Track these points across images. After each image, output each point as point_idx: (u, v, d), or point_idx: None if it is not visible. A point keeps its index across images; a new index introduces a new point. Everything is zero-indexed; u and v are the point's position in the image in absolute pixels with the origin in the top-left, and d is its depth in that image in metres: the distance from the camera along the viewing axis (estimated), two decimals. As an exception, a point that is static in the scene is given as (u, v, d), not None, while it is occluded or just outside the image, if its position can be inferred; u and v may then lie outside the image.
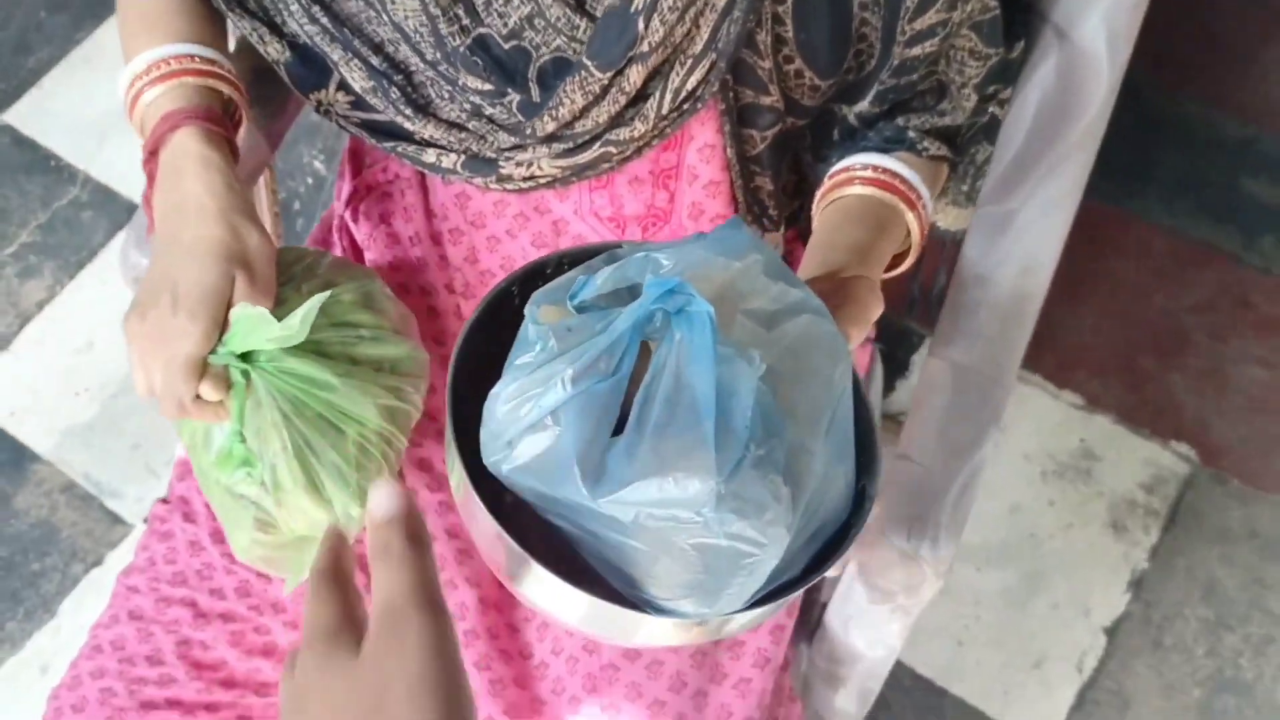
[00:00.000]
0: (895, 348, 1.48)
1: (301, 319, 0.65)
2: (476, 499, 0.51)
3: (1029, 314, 0.73)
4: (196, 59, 0.72)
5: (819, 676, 0.84)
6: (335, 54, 0.72)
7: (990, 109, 0.76)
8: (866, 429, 0.57)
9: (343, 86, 0.74)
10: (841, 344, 0.53)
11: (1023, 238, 0.72)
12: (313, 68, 0.74)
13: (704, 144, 0.74)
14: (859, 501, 0.56)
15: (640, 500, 0.46)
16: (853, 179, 0.72)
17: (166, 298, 0.65)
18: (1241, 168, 1.56)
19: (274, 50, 0.74)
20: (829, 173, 0.74)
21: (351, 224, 0.88)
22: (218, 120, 0.71)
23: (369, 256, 0.87)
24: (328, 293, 0.67)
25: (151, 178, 0.71)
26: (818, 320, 0.51)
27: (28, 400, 1.56)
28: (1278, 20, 1.61)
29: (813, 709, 0.90)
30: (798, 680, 0.85)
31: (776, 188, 0.78)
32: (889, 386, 1.46)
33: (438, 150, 0.74)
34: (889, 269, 0.73)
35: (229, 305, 0.66)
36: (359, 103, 0.75)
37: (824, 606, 0.79)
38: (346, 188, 0.88)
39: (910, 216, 0.70)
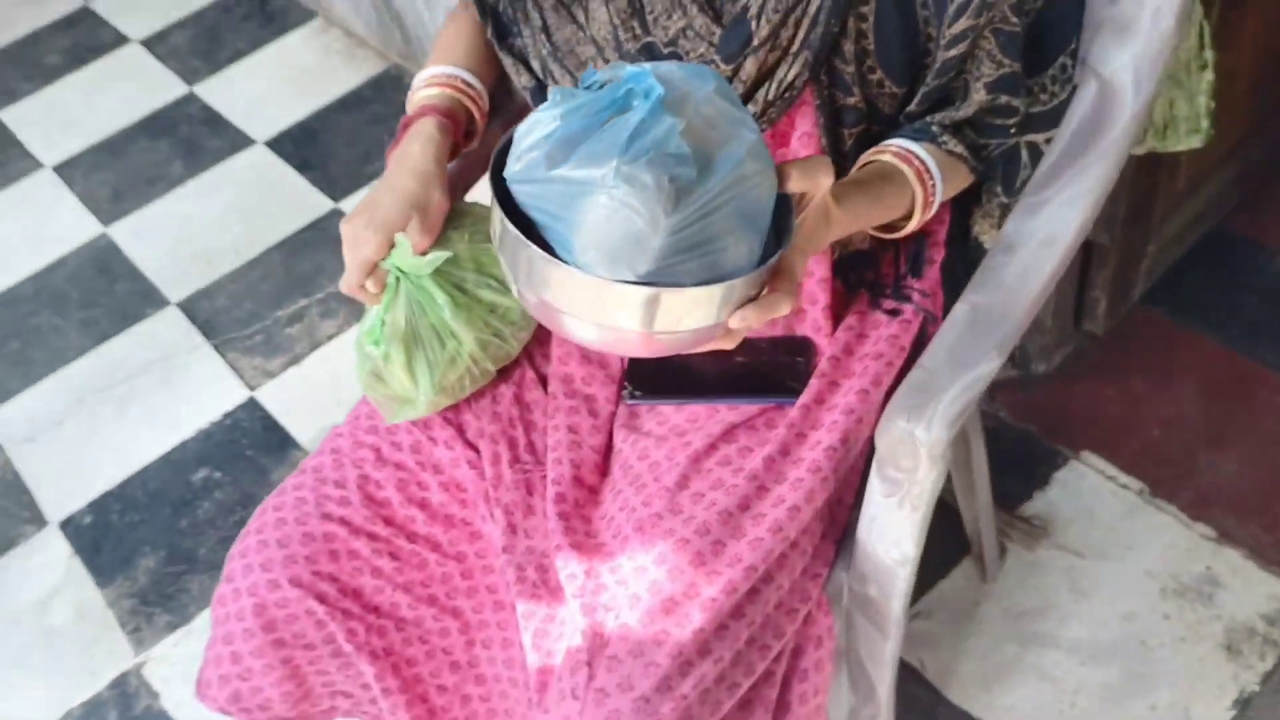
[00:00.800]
0: (1037, 463, 1.58)
1: (428, 261, 0.95)
2: (500, 212, 0.76)
3: (1044, 271, 0.89)
4: (459, 80, 1.05)
5: (855, 605, 0.97)
6: (556, 70, 1.03)
7: (1024, 137, 0.95)
8: (785, 226, 0.78)
9: None
10: (764, 150, 0.74)
11: (1049, 220, 0.89)
12: (545, 96, 1.04)
13: (803, 132, 0.96)
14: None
15: (574, 176, 0.71)
16: (880, 151, 0.92)
17: (365, 215, 0.95)
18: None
19: (524, 79, 1.06)
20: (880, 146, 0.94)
21: None
22: (454, 120, 1.02)
23: None
24: (448, 253, 0.96)
25: (396, 139, 1.02)
26: (748, 132, 0.74)
27: (302, 404, 1.94)
28: None
29: (852, 648, 1.01)
30: (839, 612, 0.98)
31: None
32: (1027, 495, 1.55)
33: None
34: (891, 229, 0.93)
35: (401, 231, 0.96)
36: None
37: (856, 520, 0.93)
38: None
39: (914, 182, 0.89)
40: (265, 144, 2.44)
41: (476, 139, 1.09)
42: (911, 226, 0.92)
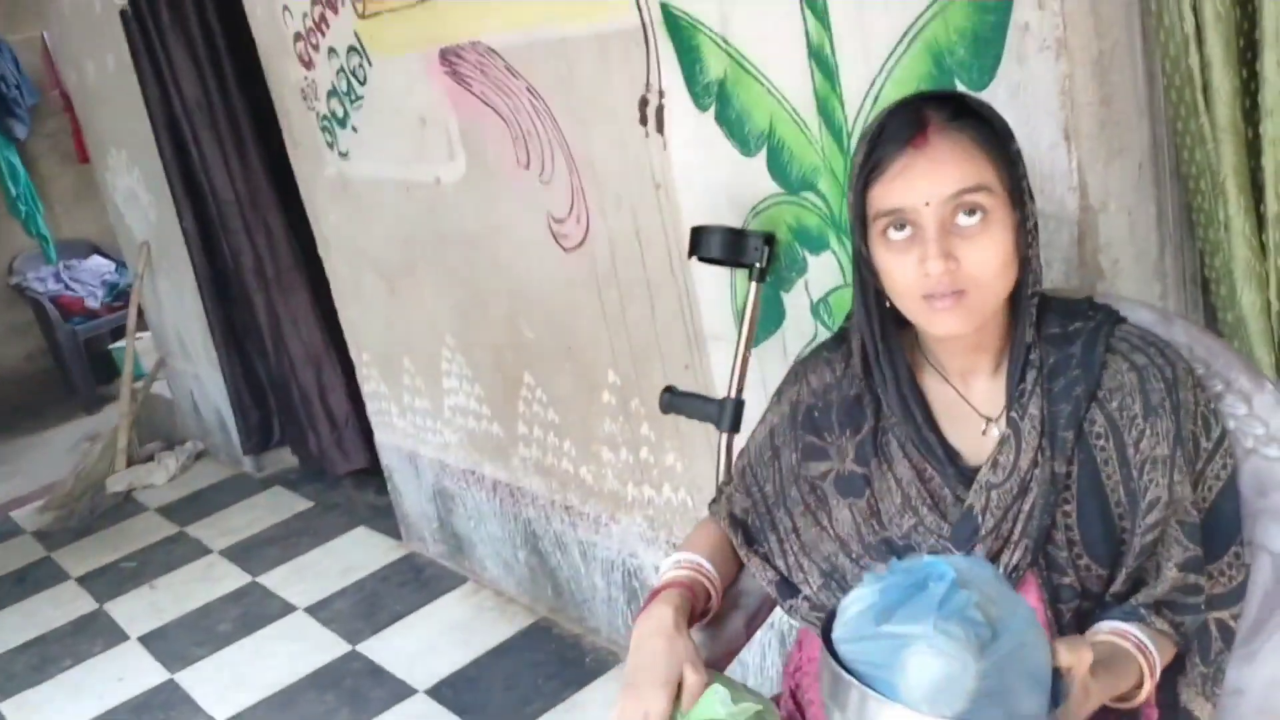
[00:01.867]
0: None
1: (741, 709, 1.09)
2: (833, 662, 0.93)
3: (1276, 708, 1.02)
4: (702, 566, 1.28)
5: None
6: (799, 572, 1.25)
7: (1210, 614, 1.11)
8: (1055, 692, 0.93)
9: (806, 597, 1.26)
10: (1038, 623, 0.93)
11: (1264, 663, 1.05)
12: (788, 586, 1.28)
13: (1030, 606, 1.15)
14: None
15: (898, 631, 0.89)
16: (1100, 634, 1.07)
17: (647, 675, 1.11)
18: None
19: (769, 575, 1.28)
20: (1103, 623, 1.10)
21: (793, 688, 1.32)
22: (694, 593, 1.23)
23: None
24: (758, 705, 1.10)
25: (645, 604, 1.22)
26: (1023, 608, 0.94)
27: None
28: None
29: None
30: None
31: None
32: None
33: None
34: (1124, 699, 1.06)
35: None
36: (814, 604, 1.25)
37: None
38: (796, 656, 1.34)
39: (1140, 657, 1.04)
40: (426, 692, 2.60)
41: (708, 617, 1.28)
42: (1143, 695, 1.06)
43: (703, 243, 1.72)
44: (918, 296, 1.06)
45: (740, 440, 1.76)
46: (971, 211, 1.03)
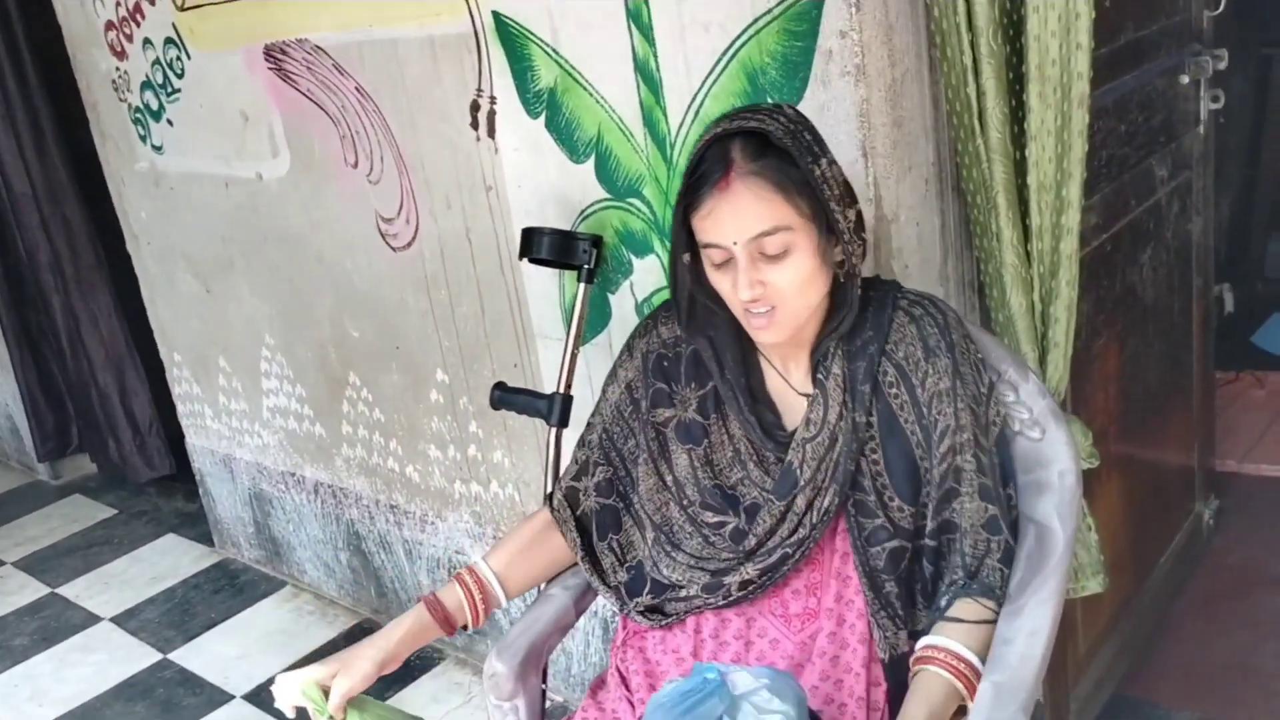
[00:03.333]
0: None
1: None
2: None
3: (1036, 653, 1.18)
4: (484, 584, 1.36)
5: None
6: (637, 529, 1.35)
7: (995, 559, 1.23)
8: None
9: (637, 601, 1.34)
10: None
11: (1029, 617, 1.20)
12: (632, 585, 1.36)
13: (843, 552, 1.25)
14: None
15: None
16: (931, 659, 1.17)
17: (339, 658, 1.29)
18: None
19: (621, 575, 1.36)
20: (921, 643, 1.19)
21: (619, 663, 1.40)
22: (449, 622, 1.33)
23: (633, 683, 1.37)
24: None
25: (419, 599, 1.35)
26: None
27: None
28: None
29: None
30: None
31: (901, 593, 1.22)
32: None
33: (687, 593, 1.31)
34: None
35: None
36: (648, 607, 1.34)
37: None
38: (620, 634, 1.43)
39: (956, 681, 1.15)
40: (244, 697, 2.56)
41: (469, 628, 1.38)
42: (973, 716, 1.15)
43: (534, 244, 1.79)
44: (739, 308, 1.21)
45: (572, 434, 1.85)
46: (774, 244, 1.15)
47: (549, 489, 1.80)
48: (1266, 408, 3.04)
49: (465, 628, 1.37)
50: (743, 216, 1.15)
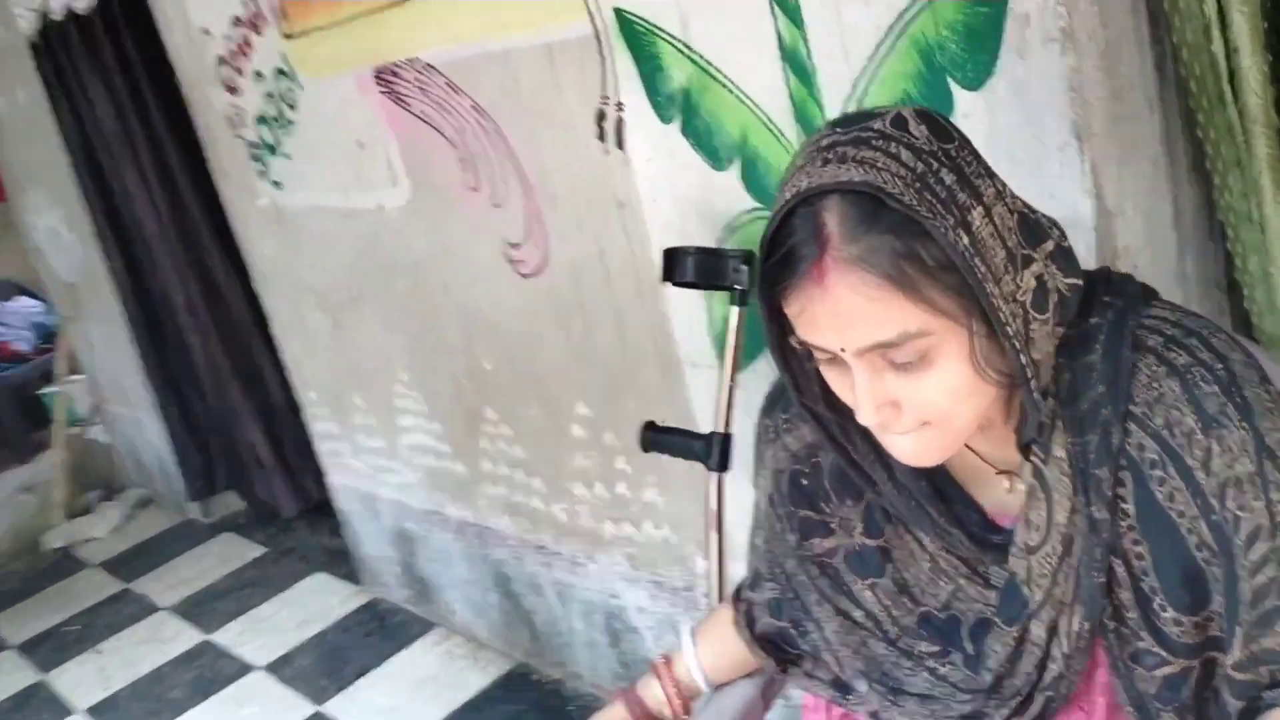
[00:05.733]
0: None
1: None
2: None
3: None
4: (684, 684, 1.16)
5: None
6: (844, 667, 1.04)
7: None
8: None
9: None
10: None
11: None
12: (841, 685, 1.07)
13: (1102, 683, 0.91)
14: None
15: None
16: None
17: None
18: None
19: (826, 692, 1.08)
20: None
21: None
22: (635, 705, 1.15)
23: None
24: None
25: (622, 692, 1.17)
26: None
27: None
28: None
29: None
30: None
31: None
32: None
33: None
34: None
35: None
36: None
37: None
38: None
39: None
40: (399, 753, 2.44)
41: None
42: None
43: (677, 266, 1.58)
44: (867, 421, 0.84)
45: (733, 477, 1.63)
46: (903, 354, 0.80)
47: (713, 553, 1.58)
48: None
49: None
50: (848, 323, 0.78)
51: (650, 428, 1.67)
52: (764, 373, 1.70)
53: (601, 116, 1.73)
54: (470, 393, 2.37)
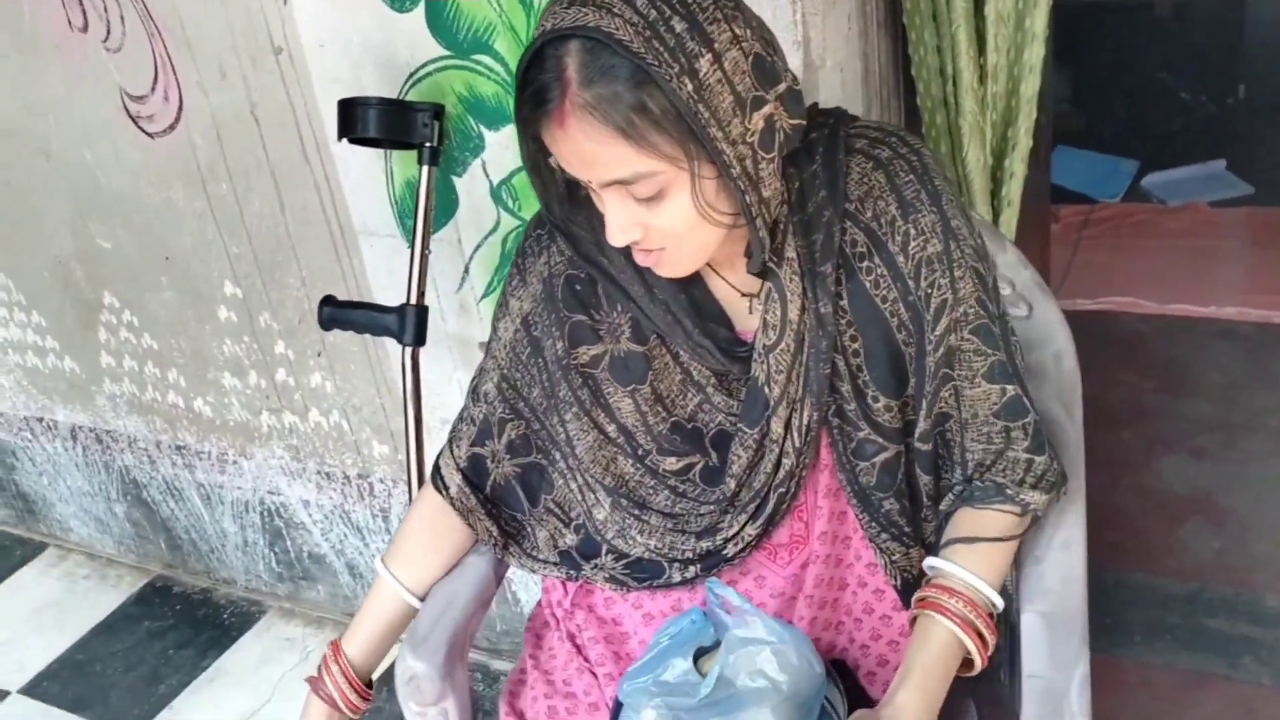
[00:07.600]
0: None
1: None
2: None
3: (1076, 571, 1.02)
4: (355, 683, 1.12)
5: None
6: (589, 494, 1.04)
7: (1020, 448, 0.97)
8: None
9: (610, 548, 1.06)
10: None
11: (1058, 527, 1.04)
12: (587, 545, 1.09)
13: (830, 467, 0.99)
14: None
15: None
16: (926, 600, 0.94)
17: None
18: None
19: (569, 539, 1.09)
20: (931, 568, 0.97)
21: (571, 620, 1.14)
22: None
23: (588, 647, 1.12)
24: None
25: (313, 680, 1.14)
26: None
27: None
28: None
29: None
30: None
31: (903, 508, 1.00)
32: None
33: (673, 565, 1.04)
34: (966, 669, 0.94)
35: None
36: (618, 553, 1.06)
37: None
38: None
39: (960, 632, 0.91)
40: (20, 692, 2.13)
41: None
42: (979, 663, 0.93)
43: (355, 120, 1.41)
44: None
45: (428, 354, 1.52)
46: (641, 189, 0.85)
47: (411, 435, 1.48)
48: (1061, 241, 3.07)
49: (369, 684, 1.15)
50: (587, 162, 0.85)
51: (329, 302, 1.51)
52: (448, 244, 1.59)
53: (250, -56, 1.50)
54: (83, 277, 2.03)
